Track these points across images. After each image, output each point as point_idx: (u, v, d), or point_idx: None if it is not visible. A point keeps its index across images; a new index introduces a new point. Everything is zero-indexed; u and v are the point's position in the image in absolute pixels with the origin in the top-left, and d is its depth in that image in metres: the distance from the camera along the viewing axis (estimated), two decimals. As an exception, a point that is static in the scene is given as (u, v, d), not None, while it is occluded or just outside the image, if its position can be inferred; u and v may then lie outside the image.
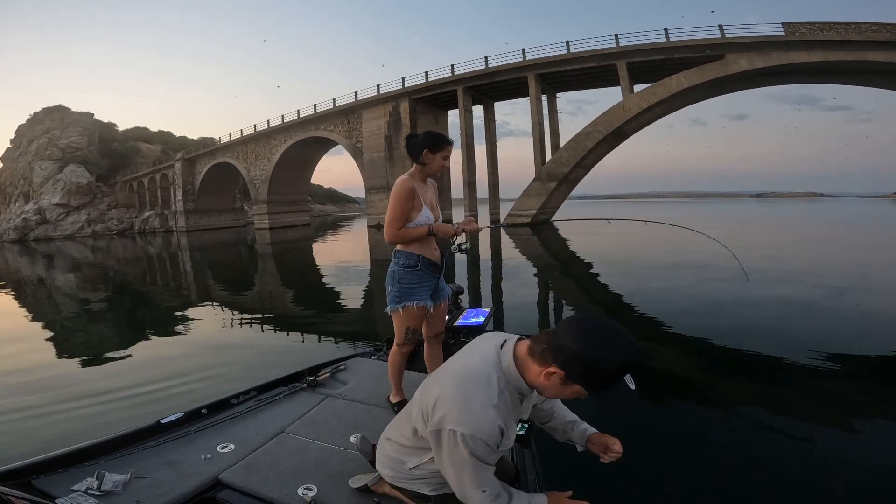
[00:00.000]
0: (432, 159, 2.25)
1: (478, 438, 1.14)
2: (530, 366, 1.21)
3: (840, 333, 5.40)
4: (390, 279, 2.29)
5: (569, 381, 1.15)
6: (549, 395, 1.22)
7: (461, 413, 1.16)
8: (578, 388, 1.15)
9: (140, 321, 7.79)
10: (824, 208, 56.49)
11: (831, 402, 3.65)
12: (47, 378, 4.68)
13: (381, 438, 1.54)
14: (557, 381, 1.16)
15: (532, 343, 1.22)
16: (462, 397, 1.19)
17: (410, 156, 2.30)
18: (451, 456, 1.18)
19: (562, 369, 1.13)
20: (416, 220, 2.24)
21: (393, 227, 2.22)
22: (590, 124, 28.04)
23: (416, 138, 2.31)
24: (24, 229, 46.26)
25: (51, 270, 17.63)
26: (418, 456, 1.37)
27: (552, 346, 1.15)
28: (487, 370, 1.22)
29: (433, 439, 1.22)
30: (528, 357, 1.21)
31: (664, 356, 5.00)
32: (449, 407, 1.19)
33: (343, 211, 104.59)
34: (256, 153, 44.10)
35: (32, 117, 56.46)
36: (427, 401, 1.26)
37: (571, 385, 1.15)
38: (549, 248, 17.44)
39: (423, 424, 1.28)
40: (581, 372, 1.12)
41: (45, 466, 1.62)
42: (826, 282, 8.71)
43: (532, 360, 1.20)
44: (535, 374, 1.20)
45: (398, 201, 2.20)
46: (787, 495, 2.47)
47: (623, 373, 1.13)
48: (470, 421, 1.15)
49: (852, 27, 22.75)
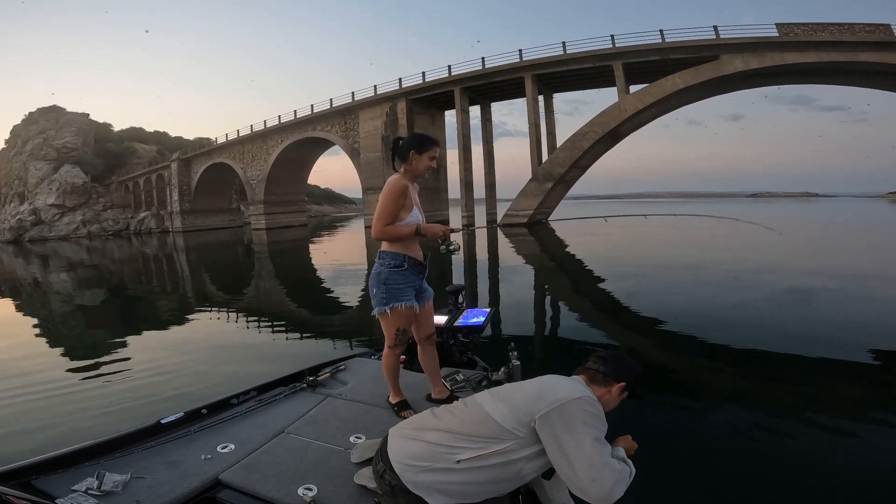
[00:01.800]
0: (419, 160, 2.26)
1: (598, 403, 1.43)
2: (603, 392, 1.54)
3: (838, 330, 5.44)
4: (375, 281, 2.29)
5: (625, 391, 1.56)
6: (609, 406, 1.53)
7: (575, 391, 1.42)
8: (626, 394, 1.57)
9: (139, 322, 7.76)
10: (820, 208, 56.74)
11: (831, 400, 3.68)
12: (47, 378, 4.66)
13: (406, 437, 1.51)
14: (618, 393, 1.55)
15: (589, 374, 1.58)
16: (570, 384, 1.48)
17: (399, 158, 2.31)
18: (575, 427, 1.33)
19: (625, 381, 1.55)
20: (405, 220, 2.25)
21: (381, 223, 2.23)
22: (586, 125, 28.11)
23: (402, 140, 2.33)
24: (19, 230, 45.98)
25: (46, 271, 17.53)
26: (490, 445, 1.38)
27: (611, 372, 1.56)
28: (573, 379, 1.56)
29: (545, 422, 1.34)
30: (591, 383, 1.55)
31: (661, 355, 5.02)
32: (561, 389, 1.42)
33: (340, 211, 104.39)
34: (253, 153, 43.98)
35: (27, 117, 56.14)
36: (519, 396, 1.46)
37: (623, 394, 1.56)
38: (547, 249, 17.48)
39: (513, 415, 1.40)
40: (629, 380, 1.56)
41: (45, 466, 1.61)
42: (826, 280, 8.77)
43: (594, 384, 1.54)
44: (610, 398, 1.55)
45: (389, 198, 2.21)
46: (786, 495, 2.48)
47: (642, 377, 1.61)
48: (586, 392, 1.44)
49: (846, 28, 22.90)
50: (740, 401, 3.70)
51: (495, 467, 1.36)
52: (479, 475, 1.36)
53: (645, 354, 5.03)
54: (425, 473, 1.39)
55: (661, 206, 65.80)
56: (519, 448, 1.37)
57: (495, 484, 1.39)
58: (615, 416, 1.52)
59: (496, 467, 1.36)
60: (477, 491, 1.38)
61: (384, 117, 33.99)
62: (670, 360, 4.84)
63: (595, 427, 1.36)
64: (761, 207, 60.95)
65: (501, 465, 1.36)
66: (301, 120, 39.57)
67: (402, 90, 33.47)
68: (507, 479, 1.39)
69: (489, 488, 1.39)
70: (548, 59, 29.12)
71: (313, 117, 38.65)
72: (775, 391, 3.87)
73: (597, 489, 1.27)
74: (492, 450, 1.36)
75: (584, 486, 1.28)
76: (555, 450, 1.32)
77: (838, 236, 20.43)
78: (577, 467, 1.29)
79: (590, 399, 1.41)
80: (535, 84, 29.92)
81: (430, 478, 1.38)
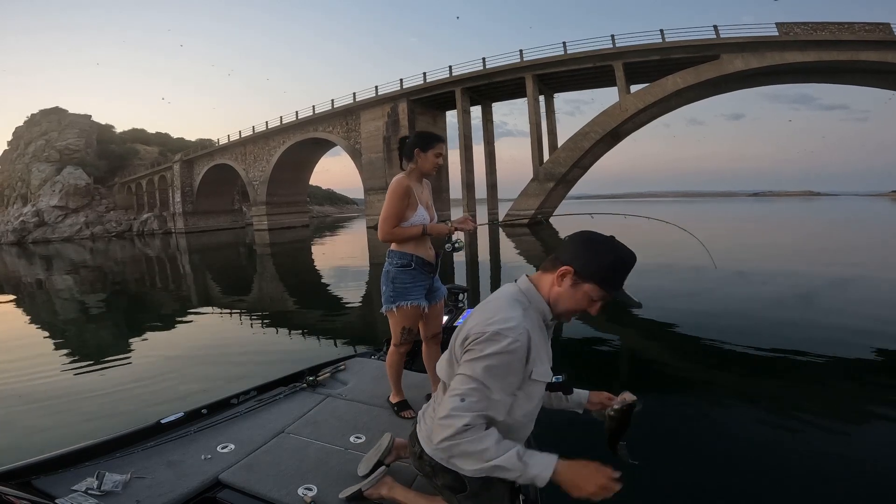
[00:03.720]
0: (425, 158, 2.26)
1: (505, 336, 1.09)
2: (544, 278, 1.23)
3: (838, 329, 5.42)
4: (385, 279, 2.30)
5: (579, 281, 1.17)
6: (563, 305, 1.20)
7: (493, 318, 1.14)
8: (589, 287, 1.17)
9: (139, 322, 7.77)
10: (823, 207, 56.62)
11: (831, 399, 3.67)
12: (47, 379, 4.66)
13: (422, 419, 1.43)
14: (569, 284, 1.18)
15: (544, 264, 1.28)
16: (490, 309, 1.19)
17: (404, 157, 2.31)
18: (473, 359, 1.11)
19: (571, 265, 1.18)
20: (411, 220, 2.24)
21: (387, 226, 2.23)
22: (587, 124, 28.12)
23: (407, 139, 2.33)
24: (22, 232, 46.13)
25: (50, 273, 17.58)
26: None
27: (560, 252, 1.22)
28: (509, 293, 1.24)
29: (460, 358, 1.17)
30: (541, 273, 1.25)
31: (661, 354, 5.02)
32: (473, 319, 1.19)
33: (342, 212, 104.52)
34: (255, 155, 44.07)
35: (30, 119, 56.37)
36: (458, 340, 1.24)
37: (582, 285, 1.17)
38: (548, 248, 17.46)
39: (455, 366, 1.22)
40: (592, 263, 1.17)
41: (45, 466, 1.62)
42: (826, 280, 8.74)
43: (544, 273, 1.24)
44: (548, 285, 1.22)
45: (393, 199, 2.21)
46: (787, 494, 2.47)
47: (625, 269, 1.19)
48: (494, 320, 1.13)
49: (846, 27, 22.87)
50: (740, 400, 3.69)
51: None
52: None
53: (644, 353, 5.03)
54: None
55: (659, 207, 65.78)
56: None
57: (506, 433, 1.21)
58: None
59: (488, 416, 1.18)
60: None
61: (385, 118, 34.02)
62: (669, 358, 4.83)
63: (495, 354, 1.09)
64: (760, 207, 60.79)
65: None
66: (303, 121, 39.65)
67: (404, 91, 33.50)
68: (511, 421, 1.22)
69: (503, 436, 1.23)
70: (548, 60, 29.14)
71: (315, 118, 38.71)
72: (774, 390, 3.86)
73: (435, 437, 1.13)
74: None
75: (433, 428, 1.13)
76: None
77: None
78: (444, 402, 1.13)
79: (490, 334, 1.10)
80: (535, 84, 29.93)
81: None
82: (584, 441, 1.54)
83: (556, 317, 1.25)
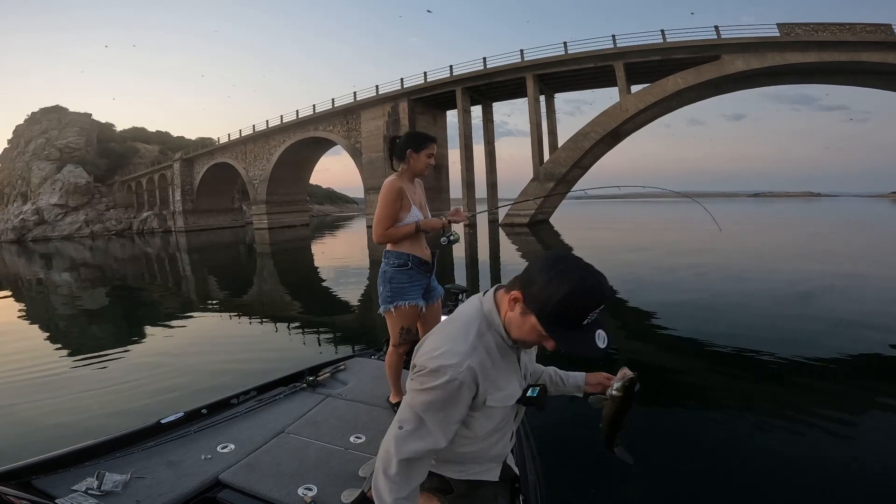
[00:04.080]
0: (417, 158, 2.26)
1: (443, 373, 1.02)
2: (505, 298, 1.10)
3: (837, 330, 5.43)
4: (382, 280, 2.30)
5: (527, 311, 1.02)
6: (515, 333, 1.08)
7: (437, 350, 1.07)
8: (535, 321, 1.02)
9: (139, 322, 7.78)
10: (823, 208, 56.58)
11: (832, 399, 3.67)
12: (47, 378, 4.67)
13: None
14: (519, 311, 1.05)
15: (511, 280, 1.13)
16: (441, 337, 1.11)
17: (396, 158, 2.31)
18: (413, 392, 1.08)
19: (521, 291, 1.04)
20: (405, 220, 2.25)
21: (381, 227, 2.24)
22: (587, 125, 28.11)
23: (398, 140, 2.33)
24: (22, 230, 46.10)
25: (49, 271, 17.58)
26: None
27: (524, 272, 1.06)
28: (469, 314, 1.14)
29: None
30: (504, 291, 1.12)
31: (661, 354, 5.02)
32: (425, 346, 1.12)
33: (341, 211, 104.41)
34: (255, 153, 44.04)
35: (30, 117, 56.30)
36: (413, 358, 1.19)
37: (529, 316, 1.02)
38: (547, 247, 17.47)
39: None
40: (536, 296, 1.00)
41: (45, 466, 1.62)
42: (826, 280, 8.75)
43: (506, 293, 1.11)
44: (505, 307, 1.09)
45: (386, 201, 2.21)
46: (786, 495, 2.48)
47: (578, 310, 0.98)
48: (438, 353, 1.06)
49: (847, 28, 22.86)
50: (740, 400, 3.69)
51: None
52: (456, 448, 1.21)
53: (644, 353, 5.03)
54: None
55: (660, 207, 65.73)
56: None
57: (469, 454, 1.21)
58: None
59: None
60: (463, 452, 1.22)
61: (386, 117, 34.00)
62: (670, 358, 4.83)
63: (433, 389, 1.03)
64: (761, 208, 60.75)
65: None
66: (303, 120, 39.61)
67: (404, 90, 33.48)
68: (472, 441, 1.19)
69: (476, 446, 1.21)
70: (549, 60, 29.11)
71: (315, 117, 38.69)
72: (774, 389, 3.86)
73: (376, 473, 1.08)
74: None
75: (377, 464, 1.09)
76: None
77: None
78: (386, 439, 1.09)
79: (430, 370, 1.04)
80: (536, 84, 29.91)
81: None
82: (584, 437, 1.54)
83: (513, 342, 1.13)
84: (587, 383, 1.43)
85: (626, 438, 1.38)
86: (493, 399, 1.12)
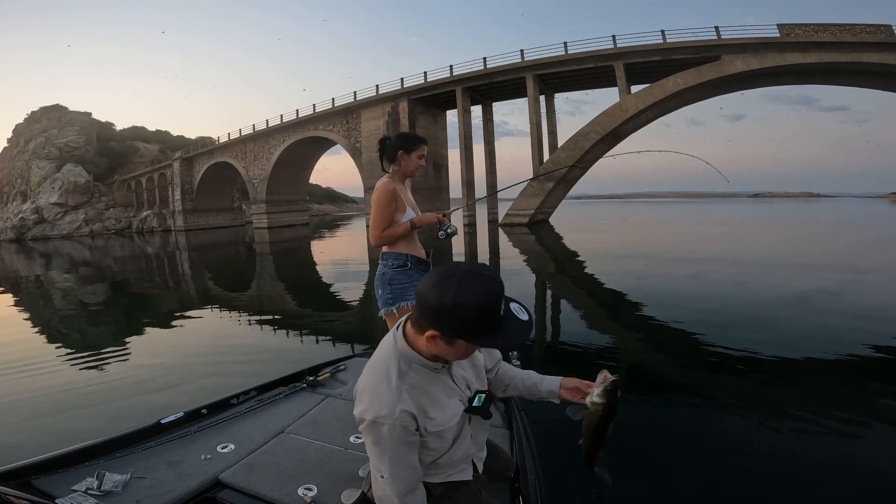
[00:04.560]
0: (408, 160, 2.26)
1: (382, 424, 1.09)
2: (418, 339, 1.13)
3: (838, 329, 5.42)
4: (380, 282, 2.29)
5: (451, 339, 1.06)
6: (450, 357, 1.13)
7: (370, 403, 1.12)
8: (463, 344, 1.06)
9: (139, 321, 7.77)
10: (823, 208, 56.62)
11: (832, 399, 3.66)
12: (47, 378, 4.67)
13: None
14: (443, 344, 1.07)
15: (412, 314, 1.15)
16: (368, 387, 1.15)
17: (387, 159, 2.31)
18: (369, 445, 1.14)
19: (435, 329, 1.05)
20: (399, 222, 2.25)
21: (378, 230, 2.24)
22: (587, 125, 28.11)
23: (389, 141, 2.32)
24: (22, 228, 46.10)
25: (48, 270, 17.57)
26: None
27: (419, 310, 1.09)
28: (387, 356, 1.17)
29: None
30: (414, 331, 1.14)
31: (661, 353, 5.01)
32: (360, 398, 1.16)
33: (341, 210, 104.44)
34: (255, 153, 44.03)
35: (30, 116, 56.34)
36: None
37: (455, 342, 1.06)
38: (547, 247, 17.47)
39: None
40: (450, 325, 1.02)
41: (45, 466, 1.62)
42: (826, 279, 8.75)
43: (416, 332, 1.13)
44: (424, 346, 1.12)
45: (381, 204, 2.21)
46: (792, 494, 2.48)
47: (491, 313, 1.02)
48: (368, 406, 1.11)
49: (847, 29, 22.87)
50: (740, 400, 3.68)
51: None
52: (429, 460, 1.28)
53: (644, 352, 5.03)
54: None
55: (661, 207, 65.74)
56: None
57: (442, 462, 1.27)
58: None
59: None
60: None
61: (386, 117, 34.00)
62: (670, 358, 4.83)
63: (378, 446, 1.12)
64: (761, 208, 60.77)
65: None
66: (303, 119, 39.61)
67: (404, 90, 33.47)
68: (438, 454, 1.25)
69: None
70: (549, 60, 29.11)
71: (315, 117, 38.69)
72: (775, 390, 3.86)
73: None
74: None
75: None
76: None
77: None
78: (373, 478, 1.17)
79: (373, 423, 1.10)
80: (536, 84, 29.91)
81: None
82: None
83: (442, 365, 1.19)
84: (562, 388, 1.36)
85: (611, 454, 1.24)
86: (434, 425, 1.16)
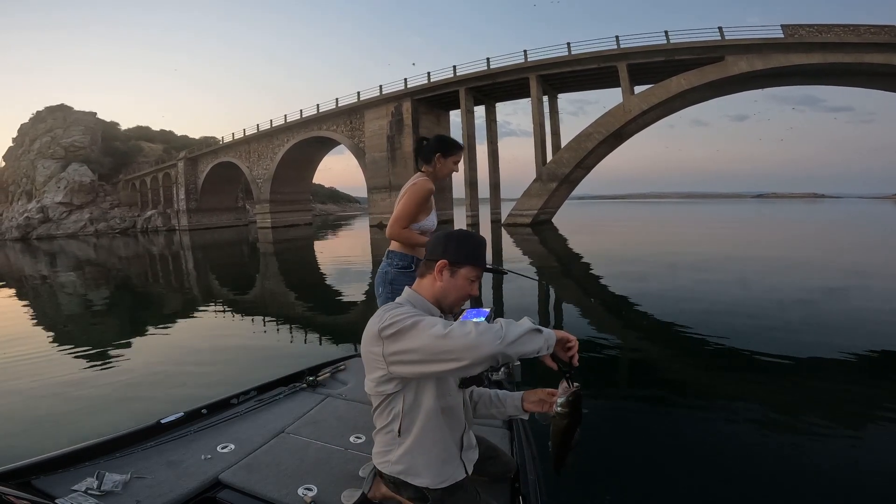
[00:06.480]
0: (444, 164, 2.25)
1: (398, 309, 1.25)
2: (423, 283, 1.41)
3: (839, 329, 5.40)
4: (381, 281, 2.28)
5: (455, 269, 1.36)
6: (450, 296, 1.37)
7: (379, 319, 1.26)
8: (465, 271, 1.36)
9: (141, 321, 7.80)
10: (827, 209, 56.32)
11: (832, 400, 3.65)
12: (47, 377, 4.68)
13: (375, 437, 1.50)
14: (448, 275, 1.36)
15: (420, 268, 1.45)
16: (387, 307, 1.30)
17: (422, 159, 2.29)
18: (406, 341, 1.19)
19: (444, 257, 1.36)
20: (421, 223, 2.24)
21: (399, 225, 2.21)
22: (590, 125, 28.06)
23: (427, 142, 2.31)
24: (27, 227, 46.34)
25: (53, 269, 17.66)
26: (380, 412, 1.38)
27: (430, 255, 1.39)
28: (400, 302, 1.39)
29: (386, 348, 1.24)
30: (419, 280, 1.42)
31: (661, 353, 5.00)
32: (378, 318, 1.28)
33: (344, 210, 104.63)
34: (259, 153, 44.17)
35: (35, 116, 56.58)
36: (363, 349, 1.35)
37: (458, 271, 1.36)
38: (550, 248, 17.45)
39: (375, 365, 1.32)
40: (456, 249, 1.36)
41: (45, 466, 1.62)
42: (826, 279, 8.71)
43: (422, 279, 1.41)
44: (430, 284, 1.39)
45: (414, 200, 2.18)
46: (790, 494, 2.47)
47: (484, 247, 1.41)
48: (385, 314, 1.25)
49: (851, 29, 22.75)
50: (740, 400, 3.67)
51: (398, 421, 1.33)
52: (404, 437, 1.34)
53: (643, 352, 5.02)
54: (392, 457, 1.38)
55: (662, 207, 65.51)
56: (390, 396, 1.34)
57: (427, 438, 1.32)
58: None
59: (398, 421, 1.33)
60: (422, 450, 1.33)
61: (389, 117, 34.04)
62: (670, 358, 4.82)
63: (407, 316, 1.22)
64: (765, 209, 60.53)
65: (399, 415, 1.33)
66: (307, 119, 39.69)
67: (408, 90, 33.50)
68: (422, 423, 1.31)
69: (428, 445, 1.33)
70: (553, 60, 29.07)
71: (319, 117, 38.76)
72: (775, 390, 3.84)
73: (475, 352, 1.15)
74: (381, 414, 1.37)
75: (463, 354, 1.14)
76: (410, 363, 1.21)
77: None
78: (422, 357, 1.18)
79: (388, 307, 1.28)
80: (539, 84, 29.87)
81: (399, 459, 1.36)
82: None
83: (444, 311, 1.40)
84: (527, 401, 1.47)
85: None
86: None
